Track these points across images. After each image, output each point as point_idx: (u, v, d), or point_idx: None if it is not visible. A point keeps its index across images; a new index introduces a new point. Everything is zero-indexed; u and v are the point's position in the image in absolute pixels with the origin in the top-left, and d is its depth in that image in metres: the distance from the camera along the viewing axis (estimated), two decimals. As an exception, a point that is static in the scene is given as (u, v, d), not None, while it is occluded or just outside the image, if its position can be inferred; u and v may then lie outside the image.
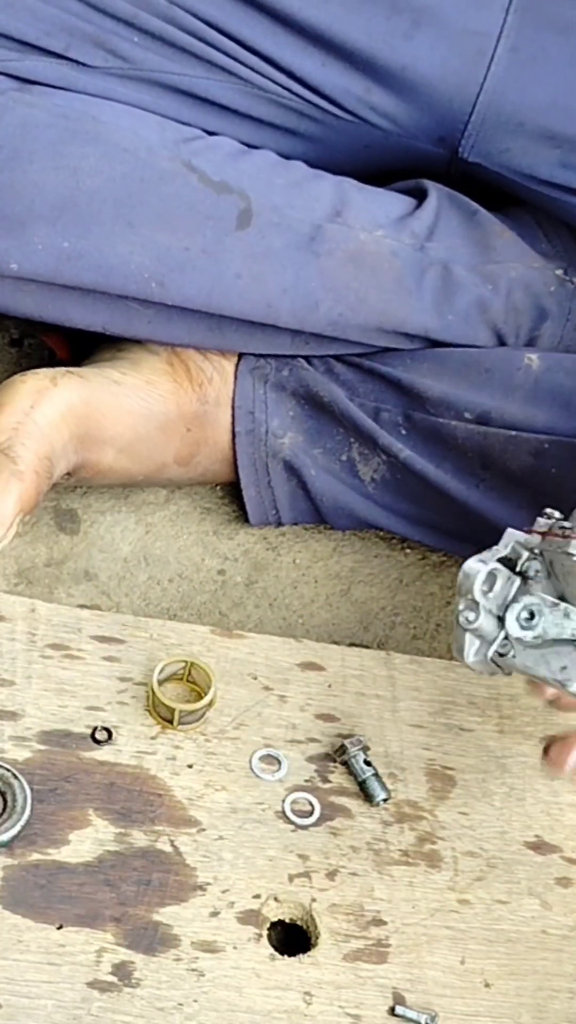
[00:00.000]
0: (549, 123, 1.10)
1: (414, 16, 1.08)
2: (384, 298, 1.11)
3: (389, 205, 1.13)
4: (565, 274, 1.15)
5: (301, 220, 1.09)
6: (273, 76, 1.10)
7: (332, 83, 1.10)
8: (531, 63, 1.09)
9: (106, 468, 1.11)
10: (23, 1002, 0.86)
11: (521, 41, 1.08)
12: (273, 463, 1.15)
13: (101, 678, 0.98)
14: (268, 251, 1.09)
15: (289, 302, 1.09)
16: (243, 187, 1.09)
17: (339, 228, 1.10)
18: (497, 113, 1.10)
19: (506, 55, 1.09)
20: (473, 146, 1.12)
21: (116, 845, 0.92)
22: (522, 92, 1.09)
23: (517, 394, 1.12)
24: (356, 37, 1.08)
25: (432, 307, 1.12)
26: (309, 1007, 0.89)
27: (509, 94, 1.09)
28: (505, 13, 1.08)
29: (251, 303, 1.10)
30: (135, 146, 1.06)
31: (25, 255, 1.04)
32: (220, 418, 1.15)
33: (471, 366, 1.13)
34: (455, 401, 1.12)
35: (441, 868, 0.96)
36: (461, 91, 1.10)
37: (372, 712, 1.01)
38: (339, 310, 1.10)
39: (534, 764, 1.01)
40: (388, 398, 1.14)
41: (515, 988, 0.93)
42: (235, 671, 1.01)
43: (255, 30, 1.08)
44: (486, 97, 1.09)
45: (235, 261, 1.08)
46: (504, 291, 1.13)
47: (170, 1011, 0.87)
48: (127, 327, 1.09)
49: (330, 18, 1.08)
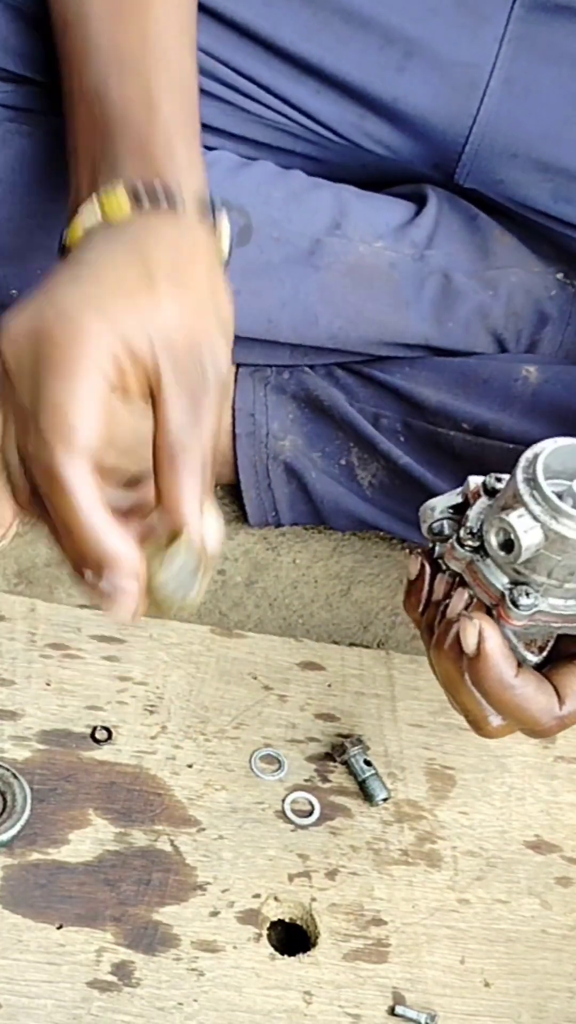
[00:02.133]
0: (543, 155, 1.09)
1: (406, 48, 1.07)
2: (383, 311, 1.11)
3: (388, 213, 1.13)
4: (565, 278, 1.15)
5: (300, 234, 1.09)
6: (268, 102, 1.09)
7: (327, 111, 1.10)
8: (524, 95, 1.08)
9: (107, 470, 1.11)
10: (23, 1002, 0.86)
11: (515, 73, 1.08)
12: (273, 465, 1.15)
13: (101, 678, 0.99)
14: (267, 266, 1.09)
15: (288, 316, 1.09)
16: (242, 203, 1.08)
17: (338, 241, 1.10)
18: (491, 144, 1.10)
19: (499, 87, 1.08)
20: (468, 174, 1.12)
21: (116, 845, 0.92)
22: (516, 124, 1.09)
23: (515, 406, 1.12)
24: (348, 69, 1.08)
25: (432, 316, 1.12)
26: (309, 1007, 0.89)
27: (502, 126, 1.09)
28: (498, 45, 1.07)
29: (250, 318, 1.10)
30: None
31: (25, 282, 1.03)
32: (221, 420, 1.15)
33: (469, 375, 1.13)
34: (453, 411, 1.12)
35: (441, 868, 0.96)
36: (454, 122, 1.09)
37: (372, 712, 1.02)
38: (339, 323, 1.10)
39: (534, 764, 1.01)
40: (387, 405, 1.14)
41: (515, 988, 0.93)
42: (235, 671, 1.01)
43: (249, 59, 1.08)
44: (479, 128, 1.09)
45: (234, 277, 1.08)
46: (504, 296, 1.13)
47: (170, 1011, 0.87)
48: None
49: (322, 50, 1.07)
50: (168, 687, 0.99)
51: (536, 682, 0.80)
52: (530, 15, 1.06)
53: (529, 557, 0.77)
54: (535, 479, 0.76)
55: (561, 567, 0.77)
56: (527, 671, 0.81)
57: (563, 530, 0.75)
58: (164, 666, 1.00)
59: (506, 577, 0.79)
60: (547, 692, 0.81)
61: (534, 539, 0.76)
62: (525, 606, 0.78)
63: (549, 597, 0.78)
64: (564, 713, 0.81)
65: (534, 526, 0.76)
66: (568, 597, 0.79)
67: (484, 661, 0.79)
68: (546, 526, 0.75)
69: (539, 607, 0.78)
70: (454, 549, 0.81)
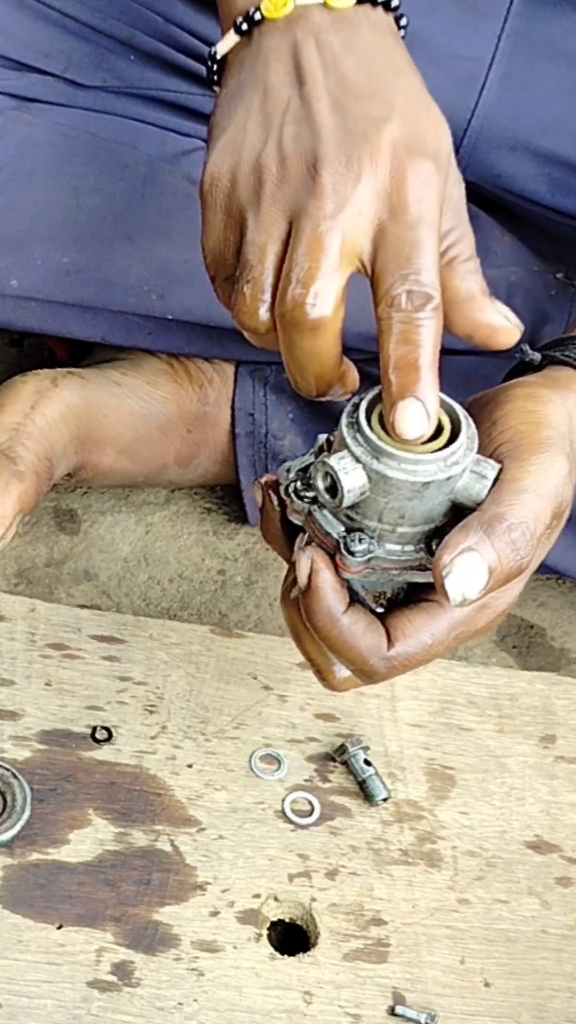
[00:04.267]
0: (541, 148, 1.10)
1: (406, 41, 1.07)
2: None
3: None
4: (566, 277, 1.15)
5: None
6: None
7: None
8: (523, 89, 1.08)
9: (106, 469, 1.11)
10: (23, 1002, 0.86)
11: (513, 68, 1.08)
12: (273, 465, 1.15)
13: (101, 678, 0.99)
14: None
15: None
16: None
17: None
18: (489, 138, 1.10)
19: (498, 81, 1.08)
20: (467, 167, 1.12)
21: (116, 845, 0.92)
22: (514, 118, 1.09)
23: None
24: None
25: None
26: (309, 1007, 0.89)
27: (501, 119, 1.09)
28: (497, 40, 1.07)
29: None
30: (135, 161, 1.06)
31: (25, 272, 1.03)
32: (220, 419, 1.15)
33: (469, 374, 1.13)
34: None
35: (441, 868, 0.96)
36: (453, 115, 1.09)
37: (372, 712, 1.01)
38: None
39: (534, 764, 1.01)
40: (386, 403, 1.14)
41: (515, 987, 0.93)
42: (235, 671, 1.01)
43: None
44: (478, 122, 1.09)
45: None
46: (504, 296, 1.13)
47: (170, 1011, 0.87)
48: (127, 338, 1.09)
49: None
50: (168, 687, 0.99)
51: (367, 621, 0.79)
52: (528, 11, 1.07)
53: (356, 501, 0.76)
54: (357, 422, 0.76)
55: (390, 510, 0.76)
56: (359, 610, 0.79)
57: (384, 470, 0.74)
58: (164, 666, 1.00)
59: (341, 525, 0.78)
60: (377, 632, 0.79)
61: (356, 481, 0.75)
62: (359, 552, 0.77)
63: (385, 543, 0.77)
64: (391, 654, 0.79)
65: (356, 467, 0.75)
66: (403, 543, 0.78)
67: (314, 593, 0.78)
68: (368, 467, 0.74)
69: (375, 553, 0.77)
70: (292, 501, 0.80)
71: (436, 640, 0.79)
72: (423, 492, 0.75)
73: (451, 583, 0.74)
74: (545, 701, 1.04)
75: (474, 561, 0.74)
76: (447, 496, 0.76)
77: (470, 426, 0.77)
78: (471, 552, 0.74)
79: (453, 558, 0.74)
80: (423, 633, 0.79)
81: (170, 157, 1.08)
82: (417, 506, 0.76)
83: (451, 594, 0.74)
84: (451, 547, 0.74)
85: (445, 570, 0.74)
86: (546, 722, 1.03)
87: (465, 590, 0.74)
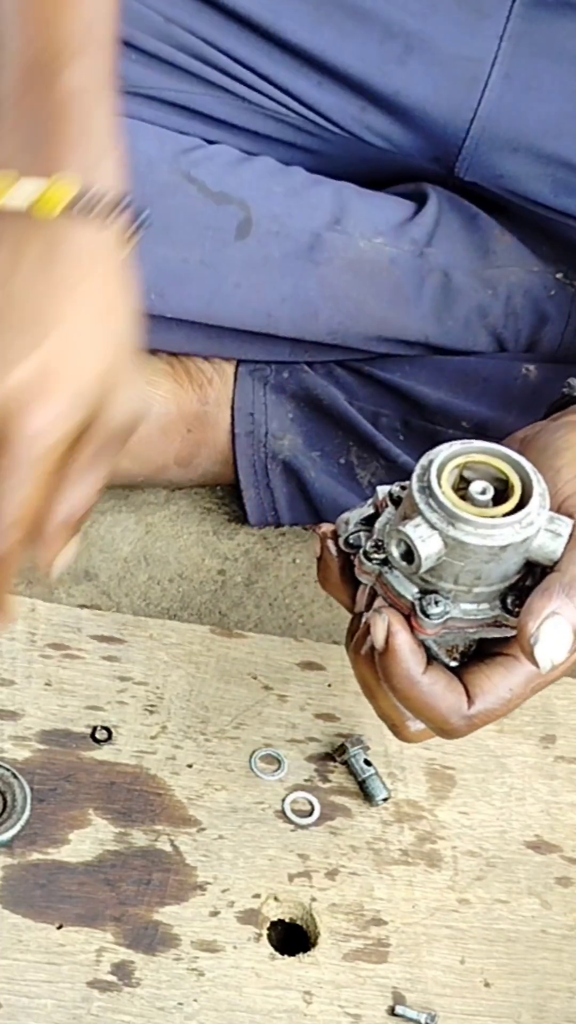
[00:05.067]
0: (543, 149, 1.10)
1: (407, 41, 1.07)
2: (383, 306, 1.11)
3: (389, 211, 1.13)
4: (565, 277, 1.15)
5: (300, 229, 1.09)
6: (270, 93, 1.10)
7: (327, 103, 1.10)
8: (525, 90, 1.09)
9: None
10: (23, 1002, 0.86)
11: (515, 68, 1.08)
12: (273, 465, 1.15)
13: (101, 678, 0.99)
14: (267, 260, 1.09)
15: (288, 311, 1.10)
16: (243, 196, 1.09)
17: (338, 236, 1.10)
18: (491, 138, 1.10)
19: (500, 82, 1.08)
20: (468, 168, 1.12)
21: (116, 845, 0.92)
22: (516, 118, 1.09)
23: (515, 405, 1.12)
24: (349, 62, 1.08)
25: (432, 314, 1.12)
26: (309, 1007, 0.89)
27: (503, 120, 1.09)
28: (499, 40, 1.08)
29: (251, 312, 1.10)
30: (134, 160, 1.05)
31: None
32: (220, 419, 1.15)
33: (469, 374, 1.13)
34: (453, 410, 1.12)
35: (441, 868, 0.96)
36: (455, 116, 1.10)
37: (372, 712, 1.01)
38: (338, 319, 1.10)
39: (534, 764, 1.01)
40: (387, 403, 1.14)
41: (515, 987, 0.93)
42: (235, 671, 1.01)
43: (251, 50, 1.08)
44: (480, 123, 1.09)
45: (234, 271, 1.08)
46: (504, 296, 1.13)
47: (170, 1011, 0.87)
48: None
49: (324, 42, 1.08)
50: (168, 687, 0.99)
51: (446, 680, 0.78)
52: (530, 12, 1.07)
53: (432, 565, 0.75)
54: (430, 487, 0.75)
55: (466, 572, 0.75)
56: (437, 669, 0.79)
57: (461, 536, 0.73)
58: (164, 666, 1.00)
59: (415, 587, 0.77)
60: (456, 691, 0.79)
61: (433, 548, 0.74)
62: (435, 615, 0.76)
63: (460, 603, 0.77)
64: (472, 713, 0.79)
65: (432, 534, 0.74)
66: (479, 601, 0.77)
67: (392, 656, 0.77)
68: (444, 533, 0.74)
69: (451, 614, 0.77)
70: (362, 563, 0.79)
71: (515, 694, 0.79)
72: (500, 555, 0.74)
73: (540, 652, 0.73)
74: (545, 701, 1.04)
75: (560, 626, 0.73)
76: (523, 555, 0.75)
77: (540, 483, 0.76)
78: (556, 617, 0.73)
79: (539, 625, 0.73)
80: (501, 688, 0.79)
81: (169, 156, 1.08)
82: (493, 568, 0.75)
83: (541, 662, 0.74)
84: (536, 614, 0.74)
85: (532, 639, 0.73)
86: (546, 722, 1.03)
87: (554, 656, 0.74)
